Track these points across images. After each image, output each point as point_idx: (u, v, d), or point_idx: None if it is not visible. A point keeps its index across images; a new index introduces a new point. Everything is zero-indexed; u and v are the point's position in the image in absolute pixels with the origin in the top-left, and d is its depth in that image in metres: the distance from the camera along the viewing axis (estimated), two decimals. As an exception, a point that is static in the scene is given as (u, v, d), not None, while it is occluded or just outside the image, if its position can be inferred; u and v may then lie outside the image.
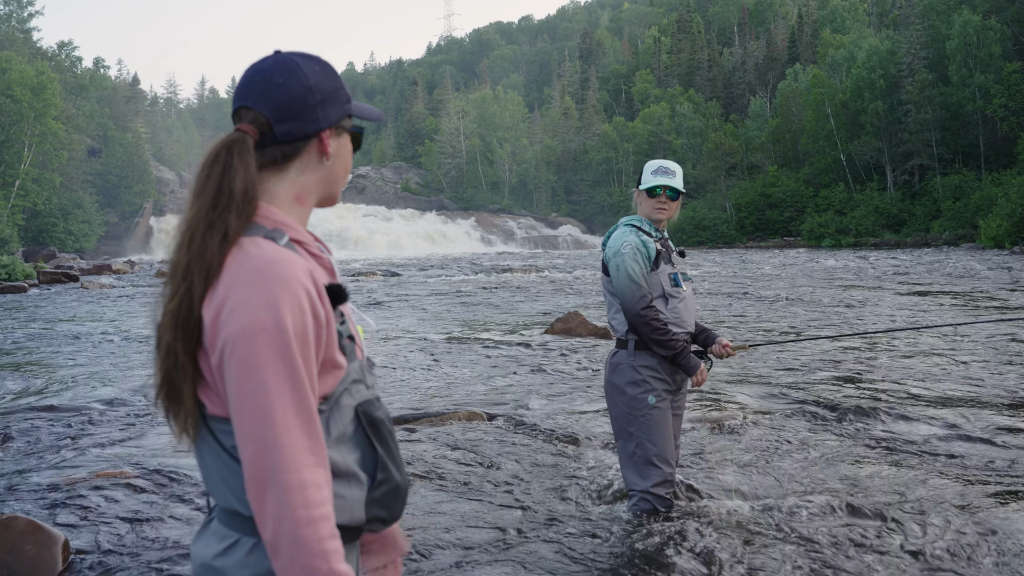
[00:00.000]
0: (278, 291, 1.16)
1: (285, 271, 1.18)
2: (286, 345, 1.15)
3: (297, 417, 1.16)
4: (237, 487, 1.23)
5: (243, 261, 1.19)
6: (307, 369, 1.18)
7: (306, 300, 1.19)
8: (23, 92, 47.13)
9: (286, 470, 1.14)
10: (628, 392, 3.57)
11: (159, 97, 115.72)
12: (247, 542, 1.23)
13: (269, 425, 1.14)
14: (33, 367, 8.98)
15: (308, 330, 1.19)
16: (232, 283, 1.17)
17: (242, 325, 1.14)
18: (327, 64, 1.36)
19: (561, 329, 10.75)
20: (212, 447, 1.25)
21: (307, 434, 1.17)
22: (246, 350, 1.14)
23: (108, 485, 4.39)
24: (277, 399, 1.15)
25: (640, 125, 70.49)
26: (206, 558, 1.25)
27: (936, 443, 4.98)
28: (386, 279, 25.00)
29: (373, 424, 1.31)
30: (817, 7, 74.59)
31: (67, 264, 37.26)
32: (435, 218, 69.49)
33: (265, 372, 1.14)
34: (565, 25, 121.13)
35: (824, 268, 26.09)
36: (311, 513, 1.14)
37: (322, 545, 1.15)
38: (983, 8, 49.35)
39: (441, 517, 3.88)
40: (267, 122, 1.29)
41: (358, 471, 1.28)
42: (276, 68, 1.30)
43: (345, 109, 1.36)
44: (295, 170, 1.33)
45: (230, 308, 1.16)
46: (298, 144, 1.31)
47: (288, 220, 1.30)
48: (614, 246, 3.57)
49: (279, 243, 1.23)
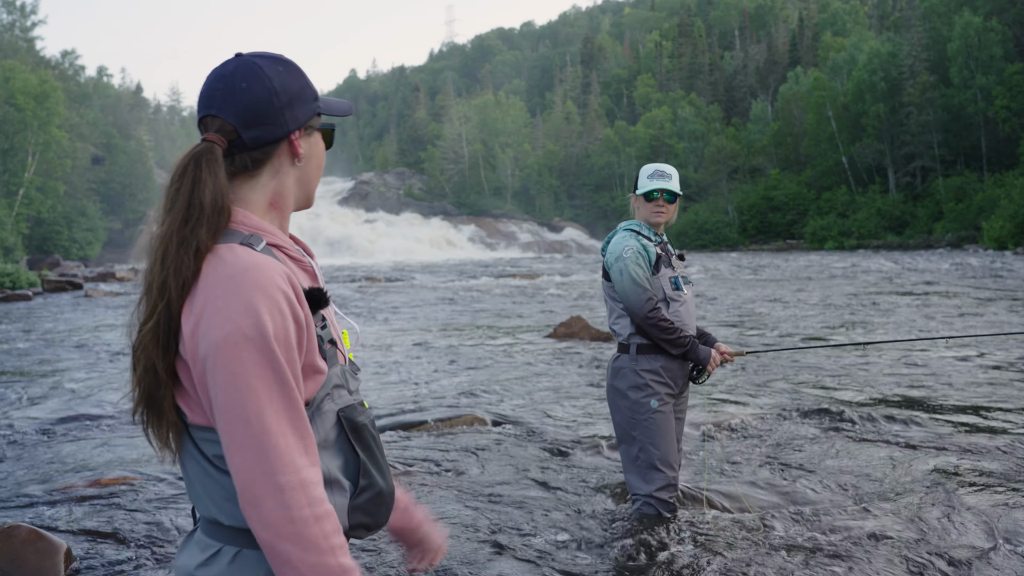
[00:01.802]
0: (256, 296, 1.15)
1: (262, 276, 1.17)
2: (269, 349, 1.14)
3: (288, 419, 1.15)
4: (218, 496, 1.22)
5: (219, 268, 1.17)
6: (292, 372, 1.18)
7: (285, 304, 1.18)
8: (27, 101, 47.33)
9: (285, 471, 1.13)
10: (631, 396, 3.57)
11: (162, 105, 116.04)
12: (229, 551, 1.22)
13: (263, 429, 1.13)
14: (36, 374, 8.99)
15: (290, 333, 1.18)
16: (209, 292, 1.16)
17: (223, 333, 1.13)
18: (291, 63, 1.33)
19: (564, 333, 10.76)
20: (194, 457, 1.24)
21: (299, 435, 1.16)
22: (230, 358, 1.13)
23: (110, 493, 4.39)
24: (267, 403, 1.14)
25: (642, 129, 70.56)
26: (189, 568, 1.25)
27: (937, 446, 4.96)
28: (389, 284, 25.02)
29: (355, 429, 1.30)
30: (818, 10, 74.68)
31: (71, 272, 37.30)
32: (438, 223, 69.57)
33: (252, 378, 1.13)
34: (567, 30, 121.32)
35: (826, 271, 26.04)
36: (315, 511, 1.14)
37: (329, 541, 1.15)
38: (984, 10, 49.35)
39: (443, 521, 3.87)
40: (234, 129, 1.26)
41: (340, 477, 1.27)
42: (238, 73, 1.27)
43: (313, 108, 1.33)
44: (267, 175, 1.30)
45: (209, 317, 1.14)
46: (268, 149, 1.29)
47: (265, 225, 1.28)
48: (615, 251, 3.57)
49: (256, 248, 1.22)
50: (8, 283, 25.90)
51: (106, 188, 61.67)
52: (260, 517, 1.13)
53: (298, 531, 1.12)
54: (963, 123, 49.76)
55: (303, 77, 1.33)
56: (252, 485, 1.13)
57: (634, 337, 3.57)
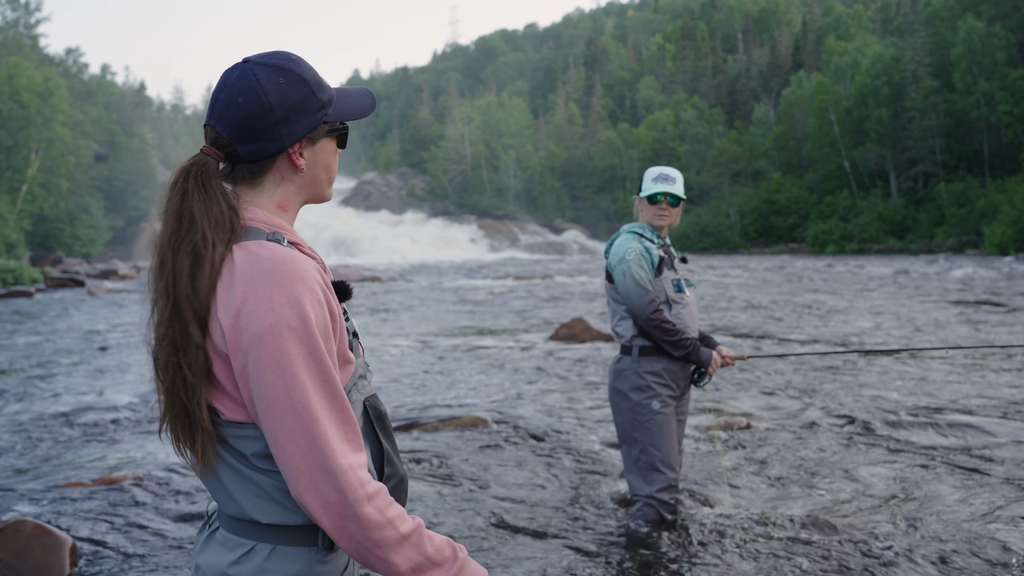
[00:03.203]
0: (298, 287, 1.18)
1: (300, 268, 1.20)
2: (313, 339, 1.18)
3: (332, 407, 1.19)
4: (252, 495, 1.24)
5: (255, 263, 1.19)
6: (333, 361, 1.22)
7: (322, 295, 1.22)
8: (30, 98, 47.36)
9: (335, 457, 1.16)
10: (632, 398, 3.59)
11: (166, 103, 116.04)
12: (263, 548, 1.24)
13: (311, 418, 1.16)
14: (39, 371, 9.02)
15: (327, 324, 1.22)
16: (249, 285, 1.18)
17: (268, 324, 1.16)
18: (295, 72, 1.28)
19: (566, 335, 10.78)
20: (224, 458, 1.25)
21: (343, 422, 1.20)
22: (275, 347, 1.15)
23: (115, 488, 4.42)
24: (313, 391, 1.17)
25: (644, 132, 70.53)
26: (220, 567, 1.25)
27: (939, 450, 4.98)
28: (391, 284, 25.04)
29: (380, 418, 1.34)
30: (821, 14, 74.65)
31: (73, 269, 37.34)
32: (440, 224, 69.54)
33: (297, 367, 1.16)
34: (570, 32, 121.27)
35: (827, 275, 26.04)
36: (367, 490, 1.18)
37: (385, 515, 1.19)
38: (988, 15, 49.29)
39: (444, 521, 3.90)
40: (229, 143, 1.27)
41: (370, 466, 1.30)
42: (237, 85, 1.26)
43: (316, 118, 1.30)
44: (270, 183, 1.31)
45: (251, 309, 1.16)
46: (265, 162, 1.29)
47: (283, 224, 1.31)
48: (618, 253, 3.60)
49: (282, 244, 1.25)
50: (10, 279, 25.95)
51: (109, 186, 61.73)
52: (318, 502, 1.17)
53: (355, 512, 1.16)
54: (966, 128, 49.71)
55: (305, 87, 1.28)
56: (305, 472, 1.16)
57: (636, 339, 3.60)
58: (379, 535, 1.18)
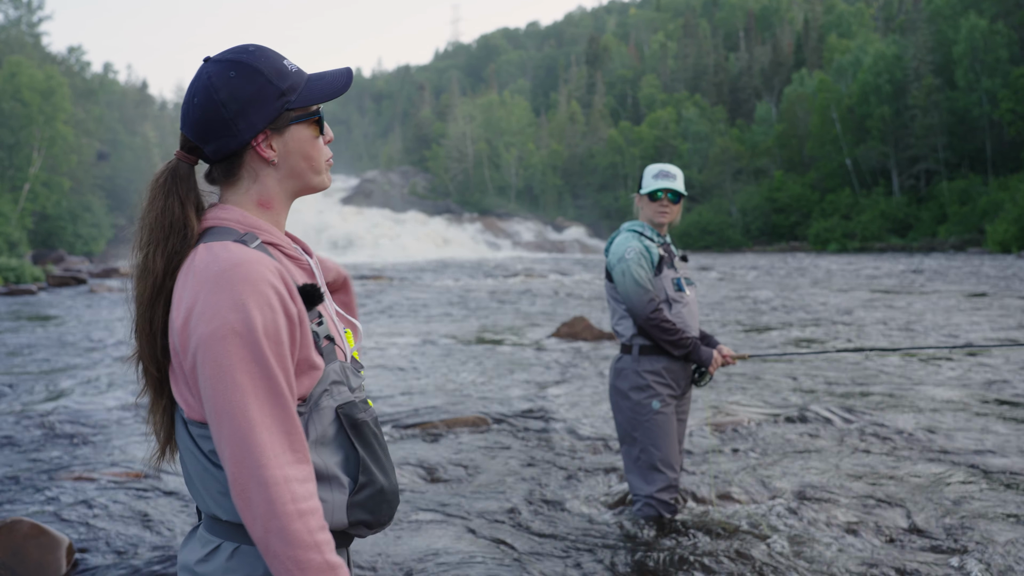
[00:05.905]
0: (245, 291, 1.16)
1: (252, 271, 1.18)
2: (257, 344, 1.16)
3: (273, 414, 1.16)
4: (216, 492, 1.24)
5: (210, 265, 1.19)
6: (282, 367, 1.19)
7: (275, 299, 1.19)
8: (32, 96, 47.36)
9: (268, 467, 1.14)
10: (632, 397, 3.57)
11: (168, 102, 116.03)
12: (228, 547, 1.24)
13: (247, 424, 1.14)
14: (39, 369, 9.02)
15: (280, 329, 1.19)
16: (200, 287, 1.18)
17: (212, 328, 1.15)
18: (247, 64, 1.26)
19: (566, 333, 10.76)
20: (192, 452, 1.26)
21: (285, 431, 1.17)
22: (217, 352, 1.15)
23: (112, 488, 4.41)
24: (252, 398, 1.15)
25: (646, 130, 70.47)
26: (189, 564, 1.27)
27: (939, 450, 4.96)
28: (393, 282, 25.03)
29: (355, 426, 1.29)
30: (823, 12, 74.51)
31: (76, 267, 37.39)
32: (442, 222, 69.53)
33: (238, 372, 1.15)
34: (572, 30, 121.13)
35: (829, 273, 26.01)
36: (299, 507, 1.15)
37: (314, 537, 1.15)
38: (990, 12, 49.19)
39: (444, 521, 3.88)
40: (196, 145, 1.28)
41: (339, 474, 1.27)
42: (193, 86, 1.27)
43: (276, 107, 1.26)
44: (246, 180, 1.31)
45: (199, 312, 1.16)
46: (232, 159, 1.29)
47: (261, 223, 1.29)
48: (618, 252, 3.57)
49: (250, 246, 1.23)
50: (13, 278, 25.98)
51: (111, 184, 61.74)
52: (247, 510, 1.15)
53: (282, 526, 1.14)
54: (968, 126, 49.62)
55: (261, 76, 1.25)
56: (239, 478, 1.15)
57: (636, 338, 3.57)
58: (303, 556, 1.14)
